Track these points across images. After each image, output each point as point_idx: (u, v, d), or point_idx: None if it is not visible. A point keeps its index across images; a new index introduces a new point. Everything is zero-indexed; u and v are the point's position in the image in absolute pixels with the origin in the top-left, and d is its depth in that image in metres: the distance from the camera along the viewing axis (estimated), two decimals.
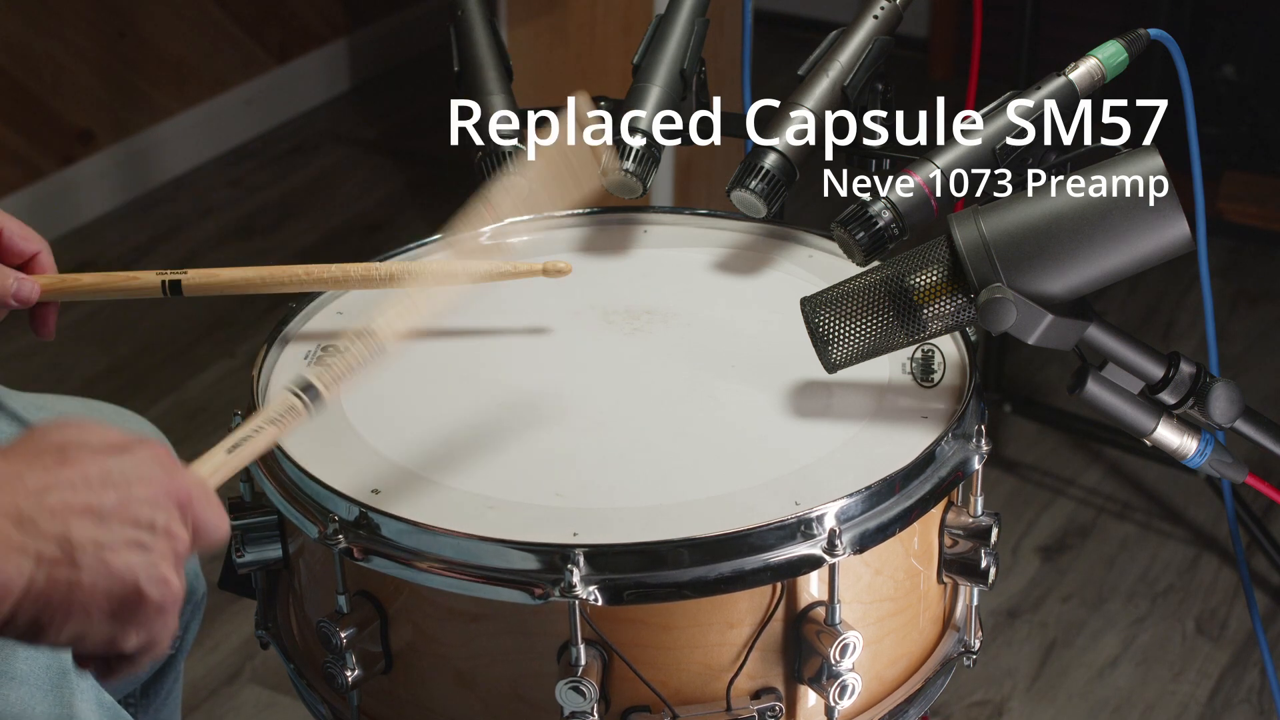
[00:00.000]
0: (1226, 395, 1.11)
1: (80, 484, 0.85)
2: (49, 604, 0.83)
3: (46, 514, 0.83)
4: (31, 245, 1.24)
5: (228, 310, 3.01)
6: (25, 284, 1.22)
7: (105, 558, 0.84)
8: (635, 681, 1.05)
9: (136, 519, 0.86)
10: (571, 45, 2.73)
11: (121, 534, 0.85)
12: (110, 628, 0.85)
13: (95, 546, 0.84)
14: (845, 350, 1.14)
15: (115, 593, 0.84)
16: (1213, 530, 2.42)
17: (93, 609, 0.84)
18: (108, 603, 0.85)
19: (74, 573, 0.83)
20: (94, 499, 0.85)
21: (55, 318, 1.27)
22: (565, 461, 1.11)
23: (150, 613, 0.86)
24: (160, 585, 0.86)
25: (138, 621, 0.86)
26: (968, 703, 2.12)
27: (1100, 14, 3.52)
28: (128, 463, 0.87)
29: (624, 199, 1.37)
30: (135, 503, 0.86)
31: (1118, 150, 1.11)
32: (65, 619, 0.84)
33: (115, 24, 3.34)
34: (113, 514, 0.85)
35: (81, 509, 0.84)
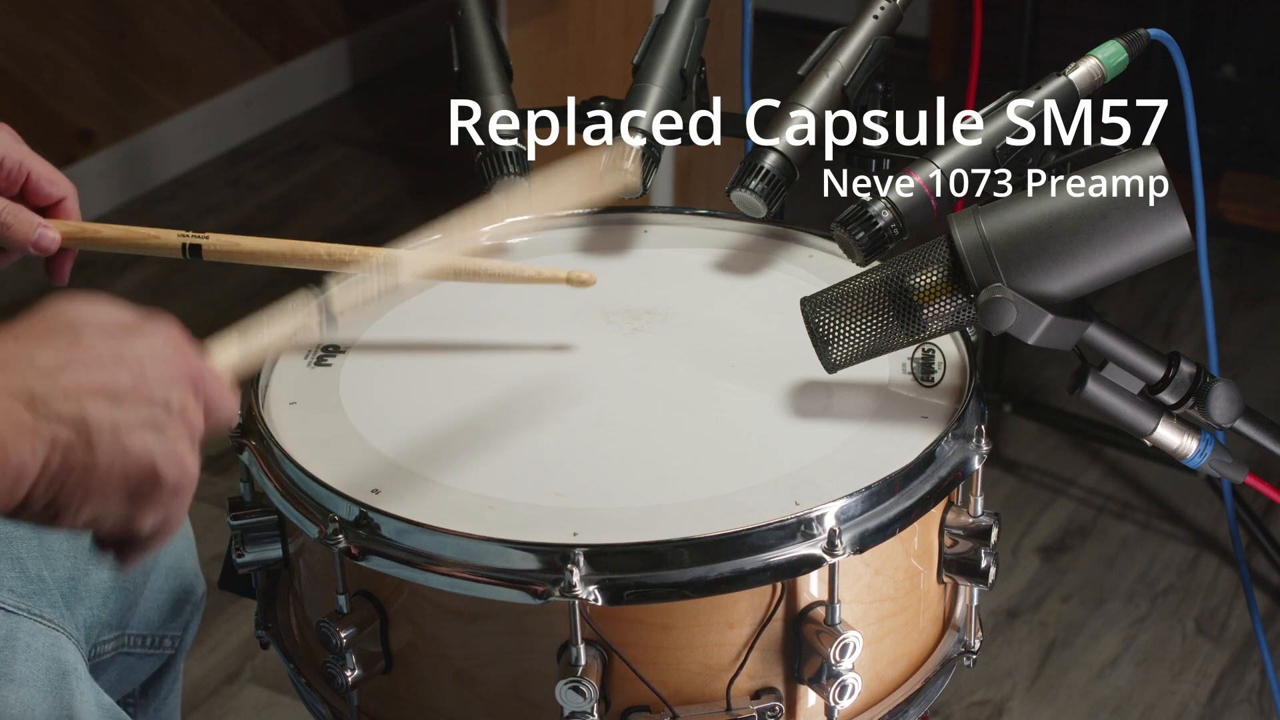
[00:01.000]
0: (1226, 395, 1.11)
1: (94, 363, 0.84)
2: (65, 486, 0.82)
3: (61, 395, 0.82)
4: (58, 190, 1.23)
5: (228, 310, 3.01)
6: (47, 233, 1.20)
7: (121, 438, 0.83)
8: (635, 681, 1.05)
9: (151, 398, 0.84)
10: (571, 45, 2.73)
11: (137, 414, 0.84)
12: (127, 508, 0.85)
13: (111, 427, 0.83)
14: (845, 350, 1.14)
15: (132, 473, 0.84)
16: (1213, 530, 2.42)
17: (109, 490, 0.83)
18: (124, 483, 0.84)
19: (90, 454, 0.82)
20: (108, 379, 0.83)
21: (71, 265, 1.25)
22: (565, 461, 1.11)
23: (166, 493, 0.85)
24: (176, 465, 0.85)
25: (154, 502, 0.85)
26: (968, 703, 2.12)
27: (1100, 14, 3.52)
28: (141, 342, 0.86)
29: (624, 199, 1.37)
30: (150, 382, 0.85)
31: (1118, 150, 1.11)
32: (82, 501, 0.83)
33: (115, 24, 3.34)
34: (128, 394, 0.84)
35: (96, 389, 0.83)
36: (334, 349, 1.26)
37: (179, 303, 3.04)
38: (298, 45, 3.80)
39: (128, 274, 3.13)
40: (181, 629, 1.43)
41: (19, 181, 1.21)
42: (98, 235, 1.24)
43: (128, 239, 1.25)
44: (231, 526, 1.17)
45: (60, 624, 1.22)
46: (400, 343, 1.27)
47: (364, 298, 1.01)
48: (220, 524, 1.03)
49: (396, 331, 1.28)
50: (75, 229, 1.23)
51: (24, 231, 1.19)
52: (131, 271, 3.14)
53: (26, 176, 1.21)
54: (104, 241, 1.24)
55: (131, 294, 3.06)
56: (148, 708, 1.47)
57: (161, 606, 1.38)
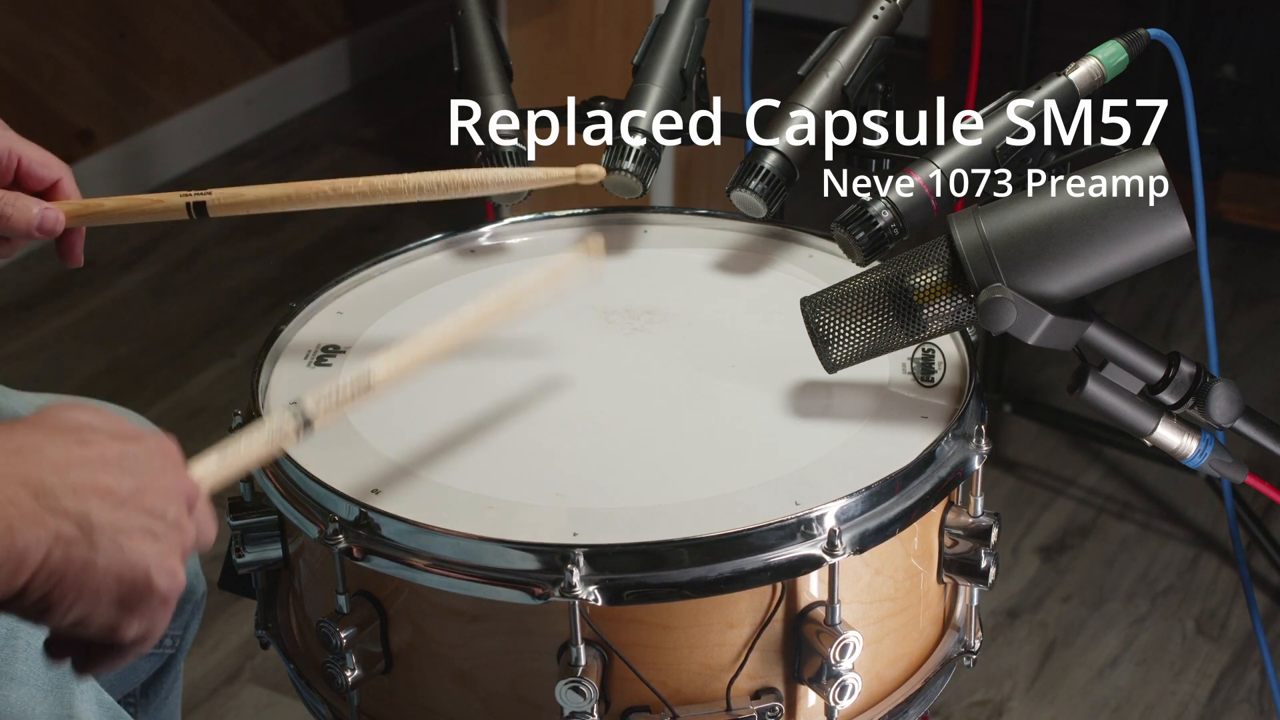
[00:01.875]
0: (1226, 395, 1.11)
1: (99, 465, 0.84)
2: (63, 581, 0.83)
3: (69, 490, 0.83)
4: (52, 172, 1.21)
5: (228, 310, 3.01)
6: (50, 213, 1.19)
7: (121, 542, 0.84)
8: (635, 681, 1.05)
9: (151, 508, 0.85)
10: (571, 45, 2.73)
11: (138, 520, 0.84)
12: (115, 614, 0.85)
13: (113, 529, 0.83)
14: (845, 350, 1.14)
15: (126, 578, 0.84)
16: (1213, 530, 2.42)
17: (103, 591, 0.84)
18: (118, 587, 0.84)
19: (90, 553, 0.83)
20: (114, 481, 0.84)
21: (82, 244, 1.25)
22: (565, 461, 1.11)
23: (155, 603, 0.86)
24: (169, 576, 0.86)
25: (142, 611, 0.86)
26: (968, 703, 2.12)
27: (1100, 14, 3.52)
28: (141, 452, 0.87)
29: (624, 199, 1.37)
30: (151, 492, 0.86)
31: (1118, 150, 1.11)
32: (75, 599, 0.83)
33: (115, 24, 3.34)
34: (130, 499, 0.85)
35: (102, 490, 0.84)
36: (334, 349, 1.26)
37: (179, 303, 3.04)
38: (298, 45, 3.80)
39: (129, 274, 3.13)
40: (182, 629, 1.43)
41: (11, 169, 1.20)
42: (100, 209, 1.22)
43: (131, 208, 1.23)
44: (231, 526, 1.17)
45: None
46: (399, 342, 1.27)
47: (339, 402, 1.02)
48: (220, 524, 1.03)
49: (396, 331, 1.28)
50: (77, 206, 1.22)
51: (25, 218, 1.19)
52: (133, 272, 3.14)
53: (18, 163, 1.20)
54: (108, 214, 1.23)
55: (132, 295, 3.06)
56: (148, 707, 1.47)
57: None
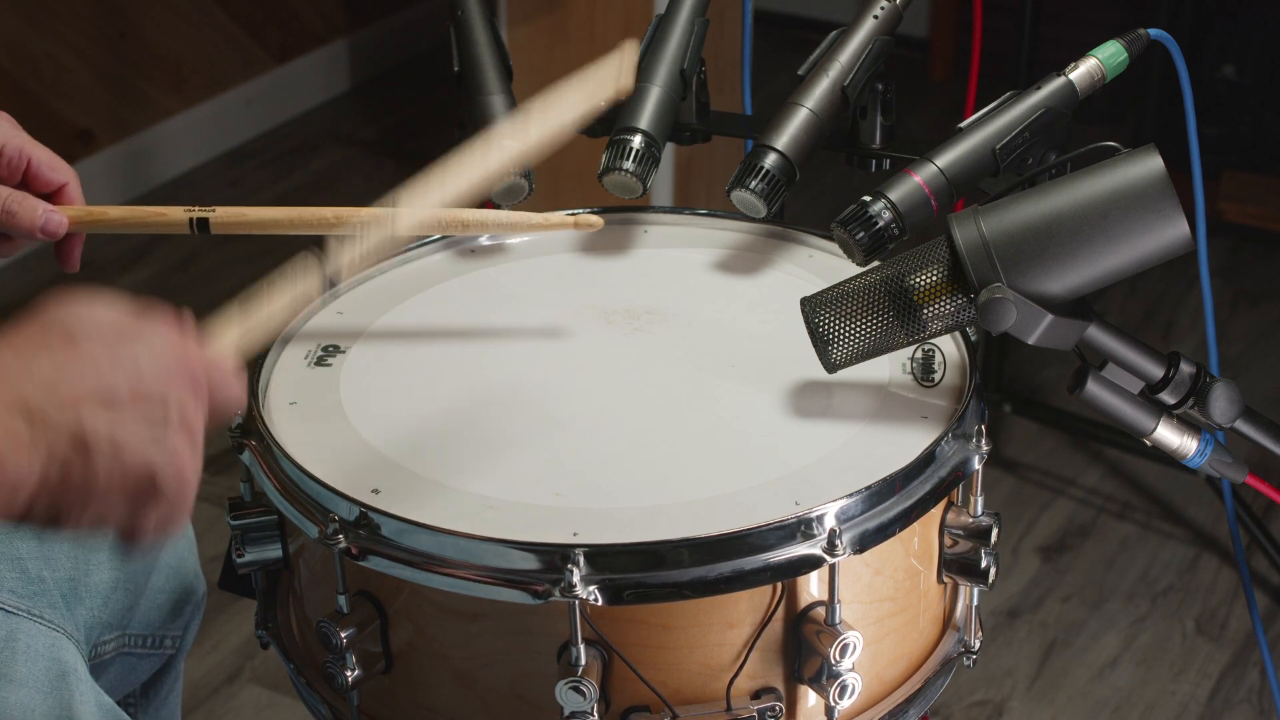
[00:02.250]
0: (1226, 395, 1.11)
1: (90, 369, 0.84)
2: (65, 495, 0.83)
3: (58, 405, 0.82)
4: (60, 176, 1.22)
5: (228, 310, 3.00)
6: (53, 216, 1.20)
7: (119, 447, 0.83)
8: (635, 681, 1.05)
9: (149, 403, 0.85)
10: (571, 45, 2.73)
11: (134, 420, 0.84)
12: (128, 512, 0.85)
13: (109, 436, 0.83)
14: (845, 350, 1.14)
15: (130, 481, 0.84)
16: (1213, 530, 2.42)
17: (109, 497, 0.84)
18: (123, 490, 0.84)
19: (88, 464, 0.83)
20: (105, 385, 0.84)
21: (80, 250, 1.25)
22: (565, 461, 1.11)
23: (169, 494, 0.86)
24: (174, 470, 0.85)
25: (154, 506, 0.85)
26: (968, 703, 2.12)
27: (1100, 14, 3.52)
28: (138, 342, 0.86)
29: (624, 199, 1.37)
30: (147, 385, 0.85)
31: (1118, 150, 1.11)
32: (83, 508, 0.83)
33: (115, 24, 3.34)
34: (125, 400, 0.84)
35: (93, 396, 0.83)
36: (334, 348, 1.26)
37: (179, 303, 3.03)
38: (298, 45, 3.80)
39: (128, 275, 3.13)
40: (182, 629, 1.43)
41: (20, 169, 1.21)
42: (104, 217, 1.23)
43: (134, 219, 1.24)
44: (231, 526, 1.17)
45: (60, 624, 1.22)
46: (400, 342, 1.27)
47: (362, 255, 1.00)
48: (220, 524, 1.03)
49: (396, 331, 1.28)
50: (81, 212, 1.22)
51: (30, 218, 1.19)
52: (132, 272, 3.14)
53: (27, 163, 1.21)
54: (111, 223, 1.24)
55: (132, 295, 3.05)
56: (148, 708, 1.47)
57: (162, 606, 1.38)
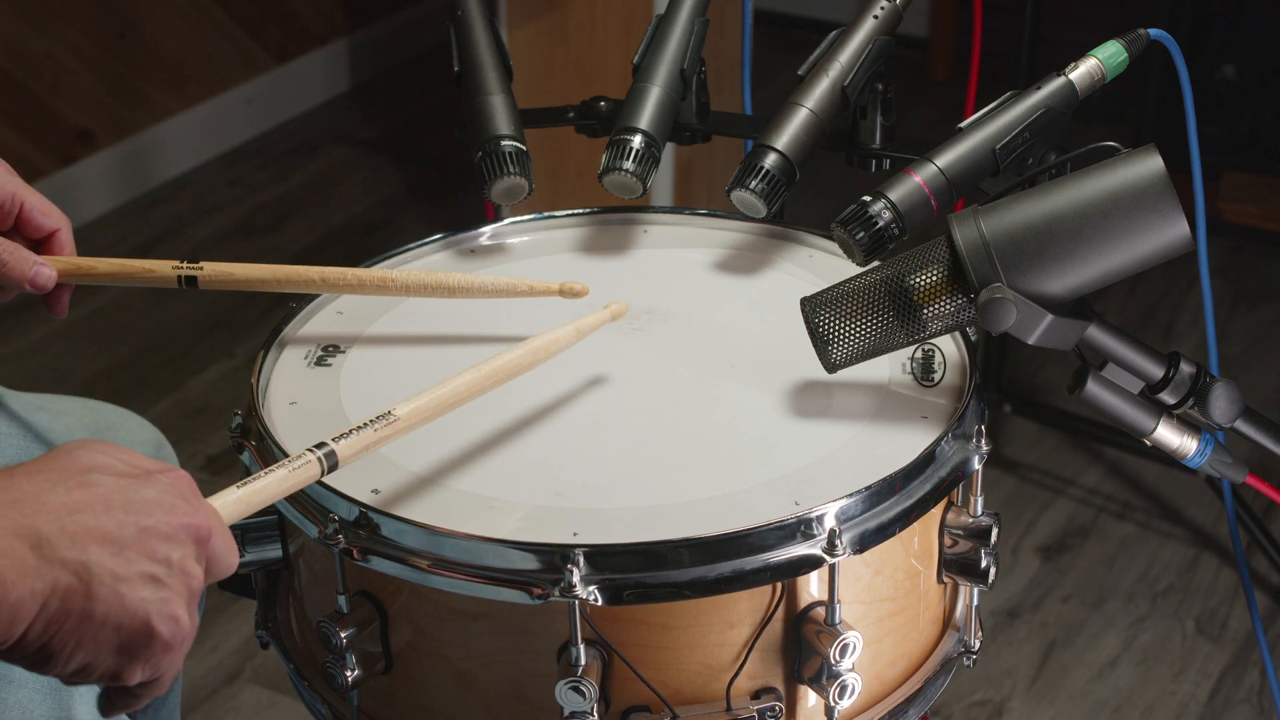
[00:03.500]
0: (1226, 395, 1.11)
1: (101, 509, 0.84)
2: (60, 631, 0.82)
3: (67, 539, 0.82)
4: (51, 222, 1.23)
5: (228, 310, 3.01)
6: (42, 271, 1.20)
7: (121, 591, 0.83)
8: (635, 681, 1.05)
9: (154, 553, 0.85)
10: (571, 45, 2.73)
11: (139, 567, 0.84)
12: (117, 661, 0.85)
13: (112, 578, 0.83)
14: (845, 350, 1.14)
15: (126, 627, 0.84)
16: (1213, 530, 2.42)
17: (102, 640, 0.83)
18: (117, 635, 0.84)
19: (88, 603, 0.82)
20: (114, 527, 0.84)
21: (69, 298, 1.25)
22: (565, 461, 1.11)
23: (158, 650, 0.85)
24: (171, 624, 0.85)
25: (145, 658, 0.85)
26: (968, 703, 2.12)
27: (1100, 14, 3.52)
28: (150, 491, 0.86)
29: (624, 199, 1.37)
30: (154, 536, 0.85)
31: (1118, 150, 1.11)
32: (75, 649, 0.83)
33: (115, 24, 3.34)
34: (131, 545, 0.84)
35: (102, 536, 0.83)
36: (334, 348, 1.26)
37: (179, 303, 3.04)
38: (298, 45, 3.80)
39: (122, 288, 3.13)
40: None
41: (12, 214, 1.21)
42: (93, 271, 1.24)
43: (122, 273, 1.25)
44: (232, 526, 1.17)
45: None
46: (400, 342, 1.27)
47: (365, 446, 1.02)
48: None
49: (396, 331, 1.28)
50: (70, 265, 1.23)
51: (20, 269, 1.19)
52: None
53: (20, 209, 1.21)
54: (99, 276, 1.24)
55: (132, 295, 3.06)
56: (147, 708, 1.47)
57: None
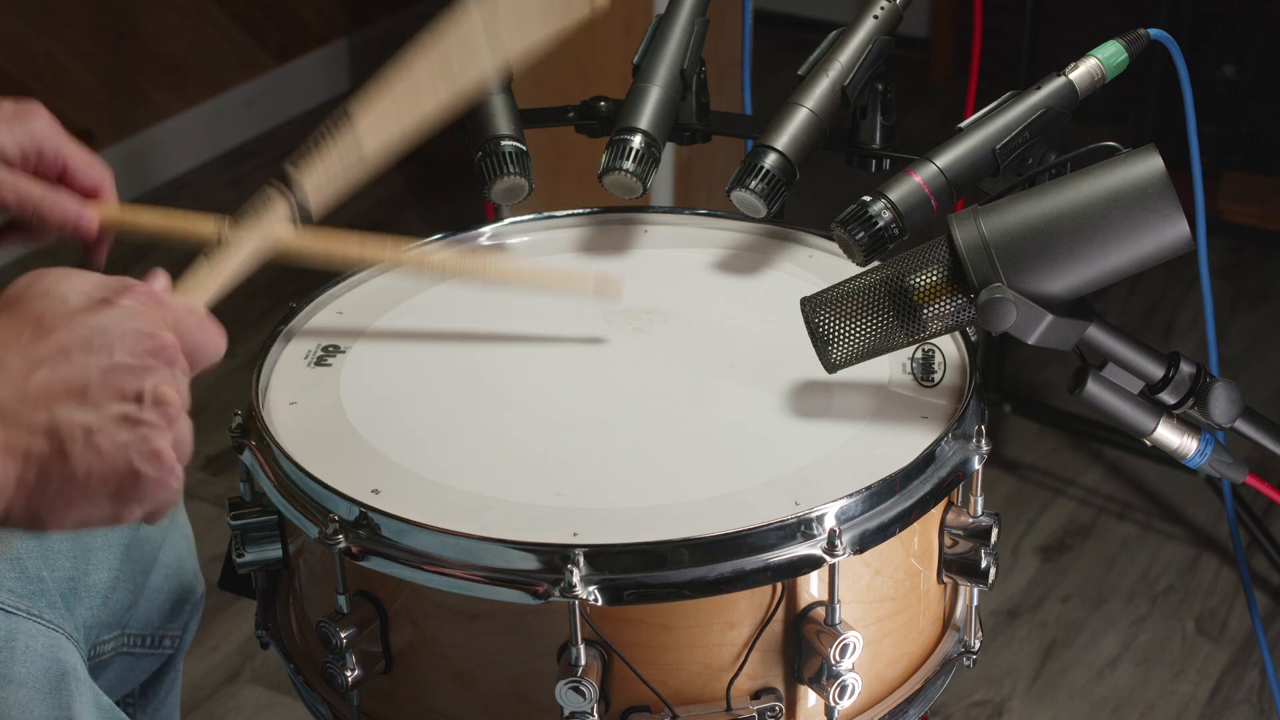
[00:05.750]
0: (1226, 395, 1.11)
1: (60, 358, 0.82)
2: (44, 497, 0.81)
3: (30, 405, 0.81)
4: (95, 174, 1.23)
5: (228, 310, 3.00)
6: (87, 215, 1.19)
7: (96, 443, 0.82)
8: (635, 681, 1.05)
9: (123, 391, 0.83)
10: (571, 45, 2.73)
11: (110, 411, 0.82)
12: (111, 507, 0.84)
13: (84, 432, 0.81)
14: (845, 350, 1.14)
15: (110, 476, 0.82)
16: (1213, 530, 2.42)
17: (91, 494, 0.82)
18: (105, 487, 0.83)
19: (65, 464, 0.81)
20: (77, 374, 0.82)
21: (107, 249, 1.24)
22: (565, 461, 1.11)
23: (149, 488, 0.84)
24: (154, 460, 0.84)
25: (139, 497, 0.84)
26: (968, 703, 2.12)
27: (1100, 14, 3.52)
28: (109, 320, 0.84)
29: (624, 199, 1.37)
30: (120, 372, 0.83)
31: (1118, 150, 1.11)
32: (64, 509, 0.82)
33: (115, 24, 3.34)
34: (98, 389, 0.82)
35: (64, 390, 0.81)
36: (334, 348, 1.26)
37: None
38: (298, 45, 3.80)
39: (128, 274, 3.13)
40: (181, 629, 1.43)
41: (58, 169, 1.21)
42: (135, 221, 1.23)
43: (166, 227, 1.24)
44: (231, 526, 1.17)
45: (59, 624, 1.22)
46: (400, 342, 1.27)
47: (329, 179, 0.98)
48: (220, 524, 1.03)
49: (396, 331, 1.28)
50: (114, 212, 1.22)
51: (64, 216, 1.19)
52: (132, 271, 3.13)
53: (65, 164, 1.21)
54: (141, 228, 1.23)
55: None
56: (147, 708, 1.47)
57: (161, 606, 1.38)
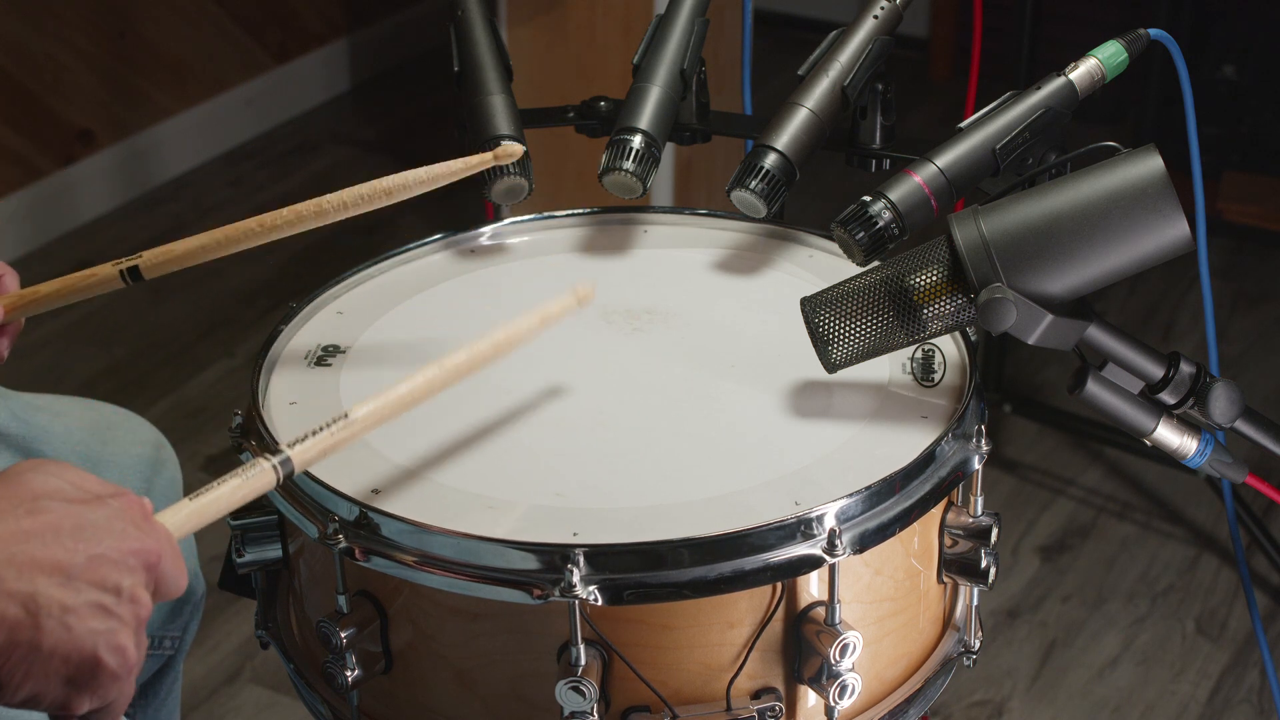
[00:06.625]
0: (1226, 395, 1.11)
1: (50, 536, 0.84)
2: (8, 662, 0.82)
3: (14, 570, 0.82)
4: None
5: (228, 310, 3.01)
6: None
7: (69, 622, 0.83)
8: (635, 681, 1.05)
9: (104, 581, 0.84)
10: (571, 45, 2.73)
11: (87, 597, 0.84)
12: (65, 691, 0.84)
13: (60, 609, 0.83)
14: (845, 350, 1.14)
15: (74, 659, 0.84)
16: (1213, 530, 2.42)
17: (50, 671, 0.83)
18: (65, 668, 0.84)
19: (36, 635, 0.82)
20: (63, 555, 0.83)
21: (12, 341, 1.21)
22: (565, 461, 1.11)
23: (105, 680, 0.85)
24: (118, 654, 0.85)
25: (92, 688, 0.85)
26: (968, 703, 2.12)
27: (1100, 14, 3.52)
28: (100, 515, 0.86)
29: (624, 199, 1.37)
30: (104, 563, 0.85)
31: (1118, 150, 1.11)
32: (23, 679, 0.83)
33: (115, 24, 3.34)
34: (80, 573, 0.84)
35: (50, 566, 0.83)
36: (334, 349, 1.26)
37: (178, 303, 3.04)
38: (298, 45, 3.80)
39: None
40: (181, 629, 1.43)
41: None
42: (36, 296, 1.20)
43: (65, 289, 1.20)
44: (231, 526, 1.17)
45: None
46: (400, 342, 1.27)
47: (322, 450, 1.00)
48: (220, 524, 1.02)
49: (396, 331, 1.28)
50: (14, 297, 1.19)
51: None
52: None
53: None
54: (43, 299, 1.20)
55: (131, 295, 3.06)
56: (147, 708, 1.47)
57: (161, 607, 1.38)
